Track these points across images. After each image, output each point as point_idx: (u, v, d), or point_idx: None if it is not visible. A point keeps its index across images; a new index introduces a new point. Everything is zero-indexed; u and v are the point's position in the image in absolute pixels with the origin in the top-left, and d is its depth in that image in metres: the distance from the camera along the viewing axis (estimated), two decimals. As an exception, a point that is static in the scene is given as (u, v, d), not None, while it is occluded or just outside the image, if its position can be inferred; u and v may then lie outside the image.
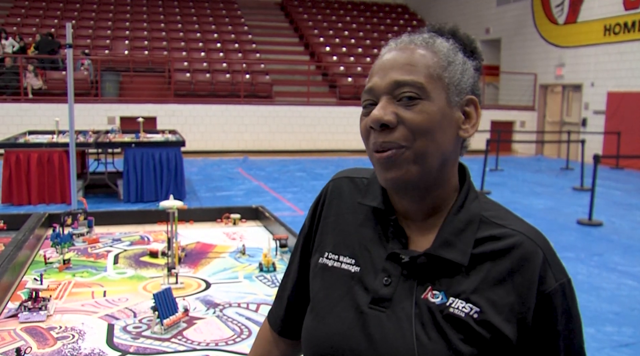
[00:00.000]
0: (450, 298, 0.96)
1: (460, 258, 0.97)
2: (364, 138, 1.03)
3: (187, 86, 16.45)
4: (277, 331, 1.25)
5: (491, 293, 0.95)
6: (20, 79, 14.84)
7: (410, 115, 0.96)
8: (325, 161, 14.43)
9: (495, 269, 0.97)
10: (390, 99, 0.98)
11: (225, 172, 12.19)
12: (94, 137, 9.29)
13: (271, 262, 2.63)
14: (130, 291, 2.37)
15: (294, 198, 9.45)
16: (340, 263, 1.07)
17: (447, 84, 0.99)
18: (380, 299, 1.00)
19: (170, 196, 2.54)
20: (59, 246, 2.75)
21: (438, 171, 1.00)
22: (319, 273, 1.10)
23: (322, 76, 18.82)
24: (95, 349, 1.83)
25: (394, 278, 1.00)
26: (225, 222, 3.49)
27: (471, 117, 1.03)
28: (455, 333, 0.94)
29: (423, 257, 0.99)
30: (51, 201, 8.31)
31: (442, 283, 0.98)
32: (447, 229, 1.00)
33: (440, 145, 0.98)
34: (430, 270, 0.99)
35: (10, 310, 2.10)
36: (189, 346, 1.87)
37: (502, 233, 0.99)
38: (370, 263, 1.04)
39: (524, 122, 18.14)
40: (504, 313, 0.94)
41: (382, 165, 0.99)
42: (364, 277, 1.03)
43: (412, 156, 0.97)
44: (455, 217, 1.01)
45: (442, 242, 0.99)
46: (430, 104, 0.97)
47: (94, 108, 14.55)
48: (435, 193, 1.02)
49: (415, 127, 0.96)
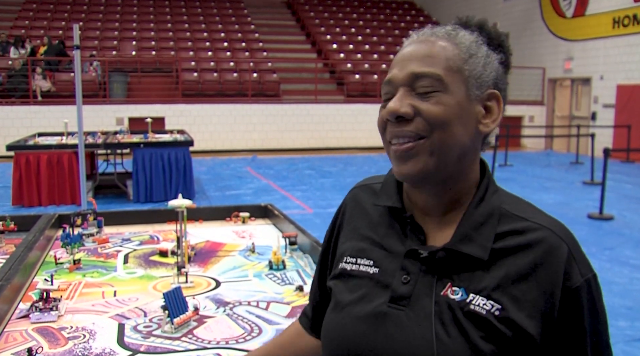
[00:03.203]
0: (470, 295, 0.94)
1: (480, 253, 0.96)
2: (380, 130, 1.02)
3: (195, 85, 16.48)
4: (306, 327, 1.28)
5: (513, 289, 0.93)
6: (29, 81, 14.91)
7: (427, 106, 0.95)
8: (334, 158, 14.42)
9: (517, 265, 0.94)
10: (408, 90, 0.97)
11: (234, 171, 12.20)
12: (102, 138, 9.32)
13: (281, 260, 2.62)
14: (140, 290, 2.38)
15: (303, 196, 9.44)
16: (359, 266, 1.06)
17: (467, 77, 0.98)
18: (399, 297, 0.98)
19: (179, 195, 2.54)
20: (69, 247, 2.76)
21: (456, 164, 0.98)
22: (339, 278, 1.10)
23: (330, 74, 18.81)
24: (106, 348, 1.83)
25: (413, 276, 0.99)
26: (235, 221, 3.49)
27: (492, 111, 1.01)
28: (476, 330, 0.92)
29: (442, 252, 0.98)
30: (61, 202, 8.35)
31: (462, 279, 0.96)
32: (467, 223, 0.98)
33: (457, 138, 0.96)
34: (450, 266, 0.97)
35: (22, 311, 2.10)
36: (200, 344, 1.87)
37: (524, 227, 0.97)
38: (389, 263, 1.03)
39: (532, 116, 18.06)
40: (527, 310, 0.92)
41: (398, 158, 0.98)
42: (383, 277, 1.02)
43: (429, 148, 0.96)
44: (475, 211, 0.99)
45: (461, 236, 0.98)
46: (447, 96, 0.96)
47: (103, 109, 14.60)
48: (454, 187, 1.01)
49: (431, 119, 0.95)
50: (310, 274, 2.53)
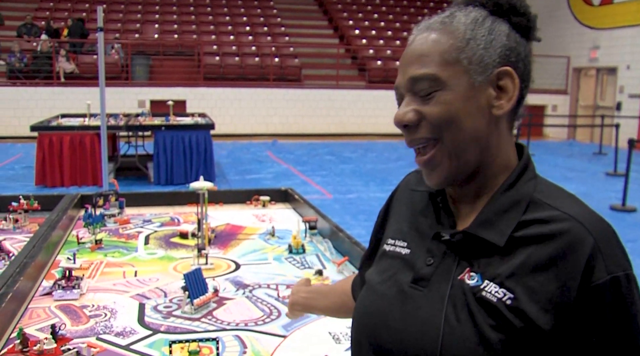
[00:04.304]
0: (485, 281, 0.92)
1: (497, 239, 0.93)
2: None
3: (217, 69, 16.49)
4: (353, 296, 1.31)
5: (529, 279, 0.89)
6: (53, 63, 15.03)
7: (429, 109, 0.94)
8: (354, 144, 14.39)
9: (537, 255, 0.90)
10: (412, 95, 0.97)
11: (254, 155, 12.23)
12: (124, 120, 9.37)
13: (300, 244, 2.63)
14: (160, 271, 2.40)
15: (323, 181, 9.44)
16: (395, 247, 1.07)
17: (467, 65, 0.94)
18: (420, 278, 0.98)
19: (200, 177, 2.55)
20: (91, 227, 2.79)
21: (478, 155, 0.96)
22: (379, 259, 1.11)
23: (352, 59, 18.71)
24: (127, 327, 1.85)
25: (437, 258, 0.98)
26: (255, 204, 3.50)
27: (507, 89, 0.96)
28: (485, 317, 0.90)
29: (460, 235, 0.97)
30: (83, 183, 8.42)
31: (480, 265, 0.94)
32: (491, 208, 0.97)
33: (470, 132, 0.94)
34: (470, 250, 0.96)
35: (45, 288, 2.13)
36: (219, 326, 1.88)
37: (551, 216, 0.92)
38: (419, 245, 1.03)
39: (556, 106, 17.85)
40: (541, 302, 0.88)
41: (423, 169, 1.00)
42: (412, 258, 1.02)
43: (445, 151, 0.95)
44: (502, 196, 0.97)
45: (482, 221, 0.96)
46: (447, 94, 0.93)
47: (125, 92, 14.68)
48: (480, 175, 0.99)
49: (436, 120, 0.94)
50: (329, 259, 2.54)
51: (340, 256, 2.53)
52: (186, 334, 1.81)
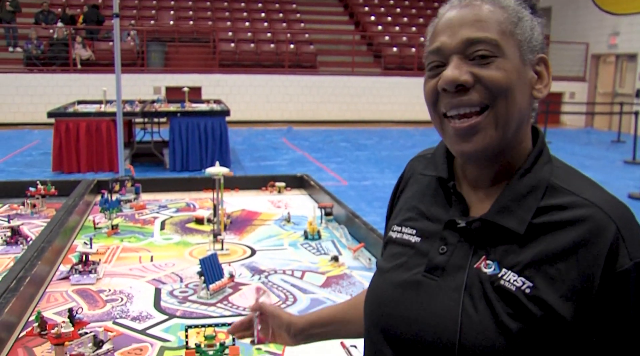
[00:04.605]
0: (503, 270, 0.90)
1: (517, 226, 0.91)
2: (429, 103, 0.97)
3: (232, 55, 16.47)
4: None
5: (549, 267, 0.88)
6: (69, 50, 15.08)
7: (488, 73, 0.91)
8: (369, 131, 14.34)
9: (557, 242, 0.89)
10: (463, 58, 0.92)
11: (270, 142, 12.23)
12: (140, 106, 9.40)
13: (316, 230, 2.62)
14: (176, 256, 2.40)
15: (338, 168, 9.42)
16: (402, 234, 1.04)
17: (520, 41, 0.93)
18: (434, 267, 0.96)
19: (216, 163, 2.55)
20: (108, 212, 2.80)
21: (514, 134, 0.94)
22: (386, 247, 1.09)
23: (367, 46, 18.60)
24: (143, 312, 1.86)
25: (450, 247, 0.96)
26: (270, 190, 3.49)
27: (543, 76, 0.97)
28: (503, 306, 0.88)
29: (478, 222, 0.94)
30: (99, 170, 8.47)
31: (497, 253, 0.92)
32: (508, 194, 0.94)
33: (518, 106, 0.92)
34: (486, 238, 0.94)
35: (62, 272, 2.14)
36: (235, 311, 1.88)
37: (570, 202, 0.91)
38: (430, 232, 1.00)
39: (573, 93, 17.65)
40: (562, 291, 0.86)
41: (460, 135, 0.93)
42: (423, 246, 1.00)
43: (493, 120, 0.91)
44: (519, 181, 0.94)
45: (500, 208, 0.93)
46: (506, 62, 0.91)
47: (140, 78, 14.70)
48: (506, 158, 0.96)
49: (494, 86, 0.91)
50: (345, 245, 2.53)
51: (356, 242, 2.52)
52: (202, 319, 1.81)
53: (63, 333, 1.47)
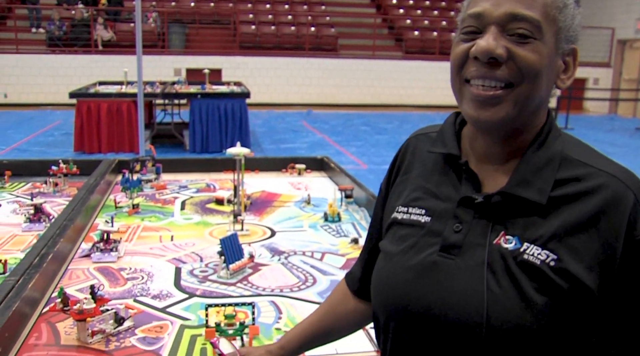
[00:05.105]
0: (524, 244, 0.90)
1: (538, 197, 0.91)
2: (455, 66, 0.96)
3: (253, 38, 16.43)
4: (352, 290, 1.24)
5: (572, 239, 0.88)
6: (91, 31, 15.14)
7: (524, 52, 0.89)
8: (390, 115, 14.27)
9: (577, 213, 0.89)
10: (501, 31, 0.91)
11: (289, 124, 12.21)
12: (161, 88, 9.42)
13: (336, 212, 2.61)
14: (196, 236, 2.41)
15: (358, 151, 9.40)
16: (410, 215, 1.03)
17: (560, 27, 0.92)
18: (450, 246, 0.95)
19: (237, 143, 2.54)
20: (129, 191, 2.81)
21: (530, 115, 0.94)
22: (391, 229, 1.06)
23: (388, 29, 18.45)
24: (163, 290, 1.87)
25: (465, 224, 0.95)
26: (290, 172, 3.49)
27: (569, 68, 0.97)
28: (529, 281, 0.88)
29: (497, 196, 0.93)
30: (120, 150, 8.52)
31: (516, 227, 0.92)
32: (525, 167, 0.94)
33: (541, 90, 0.92)
34: (505, 212, 0.93)
35: (84, 250, 2.16)
36: (254, 291, 1.89)
37: (586, 174, 0.91)
38: (441, 211, 0.99)
39: (597, 79, 17.40)
40: (586, 261, 0.87)
41: (479, 102, 0.92)
42: (435, 225, 0.98)
43: (514, 98, 0.91)
44: (534, 155, 0.94)
45: (518, 180, 0.93)
46: (542, 46, 0.90)
47: (161, 60, 14.73)
48: (520, 136, 0.96)
49: (526, 67, 0.90)
50: (365, 228, 2.52)
51: (376, 225, 2.50)
52: (222, 298, 1.81)
53: (85, 310, 1.48)
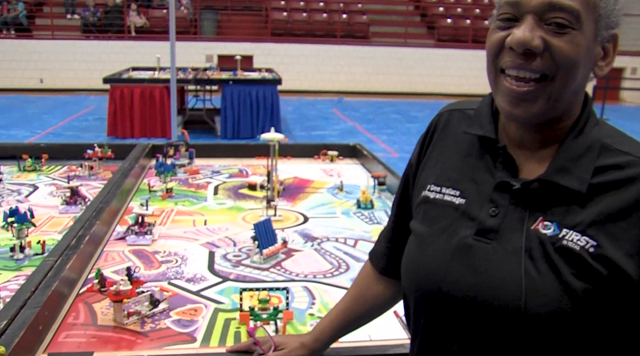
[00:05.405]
0: (563, 230, 0.89)
1: (578, 185, 0.90)
2: (490, 54, 0.94)
3: (284, 25, 16.42)
4: (378, 270, 1.23)
5: (612, 226, 0.87)
6: (124, 17, 15.27)
7: (560, 43, 0.87)
8: (421, 103, 14.15)
9: (617, 201, 0.88)
10: (538, 20, 0.88)
11: (320, 112, 12.20)
12: (193, 74, 9.47)
13: (369, 199, 2.60)
14: (229, 221, 2.42)
15: (389, 139, 9.35)
16: (443, 195, 1.02)
17: (600, 15, 0.89)
18: (486, 230, 0.94)
19: (271, 129, 2.54)
20: (163, 175, 2.83)
21: (567, 106, 0.93)
22: (421, 207, 1.05)
23: (421, 17, 18.28)
24: (197, 274, 1.88)
25: (502, 209, 0.94)
26: (323, 159, 3.48)
27: (608, 54, 0.94)
28: (567, 267, 0.87)
29: (536, 183, 0.93)
30: (152, 135, 8.59)
31: (555, 214, 0.91)
32: (564, 154, 0.93)
33: (576, 81, 0.90)
34: (543, 199, 0.92)
35: (119, 233, 2.18)
36: (288, 276, 1.88)
37: (626, 161, 0.91)
38: (477, 194, 0.98)
39: (635, 69, 17.03)
40: (626, 248, 0.86)
41: (513, 98, 0.91)
42: (469, 208, 0.97)
43: (548, 93, 0.89)
44: (573, 142, 0.93)
45: (557, 168, 0.92)
46: (580, 36, 0.88)
47: (193, 46, 14.80)
48: (557, 125, 0.95)
49: (562, 58, 0.88)
50: (398, 215, 2.50)
51: (410, 212, 2.48)
52: (255, 283, 1.82)
53: (122, 291, 1.49)
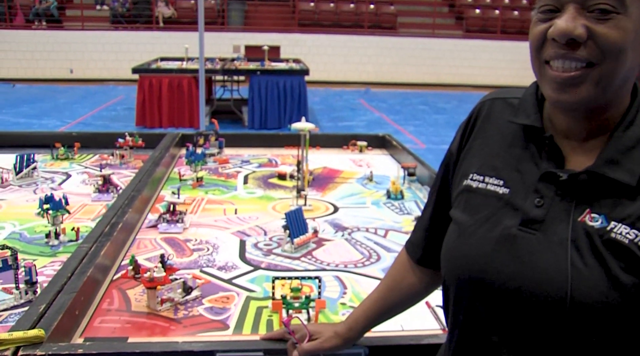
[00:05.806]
0: (612, 222, 0.87)
1: (628, 178, 0.88)
2: (533, 47, 0.92)
3: (311, 15, 16.37)
4: (415, 259, 1.21)
5: None
6: (153, 8, 15.36)
7: (604, 30, 0.85)
8: (449, 95, 14.03)
9: None
10: (580, 9, 0.86)
11: (347, 103, 12.16)
12: (220, 64, 9.49)
13: (399, 190, 2.58)
14: (260, 210, 2.42)
15: (416, 131, 9.30)
16: (486, 184, 1.00)
17: None
18: (531, 220, 0.92)
19: (302, 118, 2.53)
20: (193, 164, 2.84)
21: (614, 92, 0.90)
22: (463, 195, 1.03)
23: (449, 7, 18.10)
24: (228, 262, 1.88)
25: (547, 199, 0.92)
26: (352, 149, 3.47)
27: None
28: (615, 260, 0.85)
29: (584, 175, 0.90)
30: (180, 125, 8.63)
31: (602, 206, 0.89)
32: (614, 146, 0.90)
33: (625, 67, 0.87)
34: (590, 191, 0.90)
35: (151, 221, 2.20)
36: (319, 266, 1.88)
37: None
38: (521, 184, 0.96)
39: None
40: None
41: (558, 84, 0.89)
42: (514, 198, 0.96)
43: (596, 78, 0.86)
44: (624, 134, 0.90)
45: (607, 160, 0.89)
46: (626, 20, 0.85)
47: (220, 36, 14.83)
48: (605, 113, 0.92)
49: (607, 45, 0.85)
50: (429, 206, 2.48)
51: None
52: (286, 272, 1.82)
53: (155, 278, 1.50)
